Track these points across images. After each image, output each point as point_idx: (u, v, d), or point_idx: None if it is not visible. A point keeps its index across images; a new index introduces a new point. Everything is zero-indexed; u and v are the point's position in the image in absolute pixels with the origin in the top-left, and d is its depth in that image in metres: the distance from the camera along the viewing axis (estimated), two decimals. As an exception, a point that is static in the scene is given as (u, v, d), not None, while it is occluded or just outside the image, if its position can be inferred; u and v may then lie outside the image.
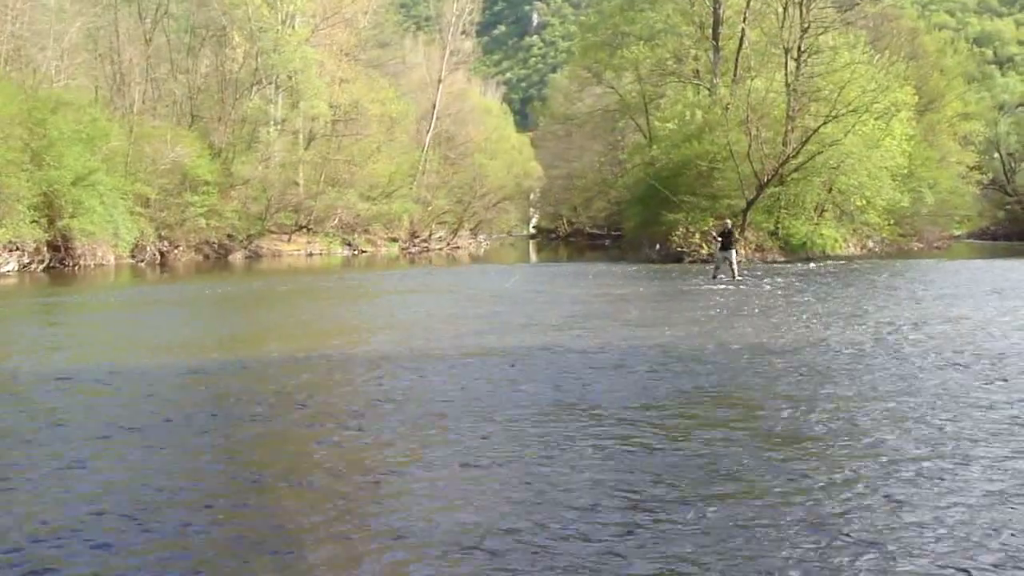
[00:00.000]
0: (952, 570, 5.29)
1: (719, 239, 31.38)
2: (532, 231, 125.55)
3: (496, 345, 14.78)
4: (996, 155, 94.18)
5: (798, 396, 10.28)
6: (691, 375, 11.83)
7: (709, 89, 50.99)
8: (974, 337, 14.95)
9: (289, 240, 60.31)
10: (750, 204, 43.93)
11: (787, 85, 46.69)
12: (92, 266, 41.98)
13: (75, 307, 25.18)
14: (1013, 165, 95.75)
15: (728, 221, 33.53)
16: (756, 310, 20.00)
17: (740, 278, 29.56)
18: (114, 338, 17.62)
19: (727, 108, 46.12)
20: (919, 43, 70.69)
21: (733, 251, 30.66)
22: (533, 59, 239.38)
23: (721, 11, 51.92)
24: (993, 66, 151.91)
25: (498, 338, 15.71)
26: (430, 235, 74.05)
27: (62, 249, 41.86)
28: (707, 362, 12.87)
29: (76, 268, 41.12)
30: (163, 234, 49.95)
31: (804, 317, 18.49)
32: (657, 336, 15.71)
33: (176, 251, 50.46)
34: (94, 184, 42.84)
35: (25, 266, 39.42)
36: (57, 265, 41.17)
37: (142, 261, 46.61)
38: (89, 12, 54.80)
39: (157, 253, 48.83)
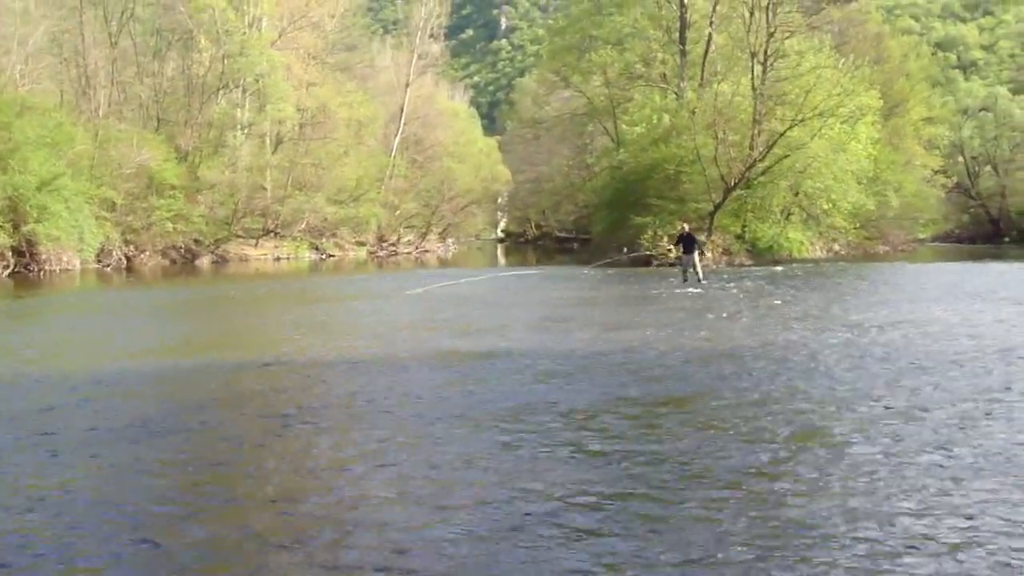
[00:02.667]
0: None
1: (678, 244, 31.30)
2: (500, 235, 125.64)
3: (466, 348, 14.77)
4: (960, 159, 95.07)
5: (760, 399, 10.35)
6: (655, 380, 11.89)
7: (676, 93, 51.13)
8: (938, 340, 15.05)
9: (256, 245, 60.04)
10: (717, 207, 44.12)
11: (753, 89, 46.91)
12: (58, 271, 41.70)
13: (34, 313, 24.98)
14: (977, 168, 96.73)
15: (684, 225, 32.78)
16: (723, 314, 20.05)
17: (705, 282, 29.43)
18: (66, 344, 17.46)
19: (694, 112, 46.27)
20: (884, 47, 71.11)
21: (695, 254, 30.42)
22: (501, 63, 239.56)
23: (688, 15, 52.13)
24: (957, 70, 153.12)
25: (467, 342, 15.69)
26: (398, 239, 73.94)
27: (27, 254, 41.59)
28: (671, 367, 12.93)
29: (41, 273, 40.84)
30: (129, 239, 49.64)
31: (769, 321, 18.57)
32: (624, 339, 15.74)
33: (142, 256, 50.16)
34: (59, 189, 42.54)
35: (-11, 271, 39.17)
36: (22, 270, 40.87)
37: (108, 266, 46.31)
38: (54, 15, 54.40)
39: (123, 258, 48.56)
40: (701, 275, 29.92)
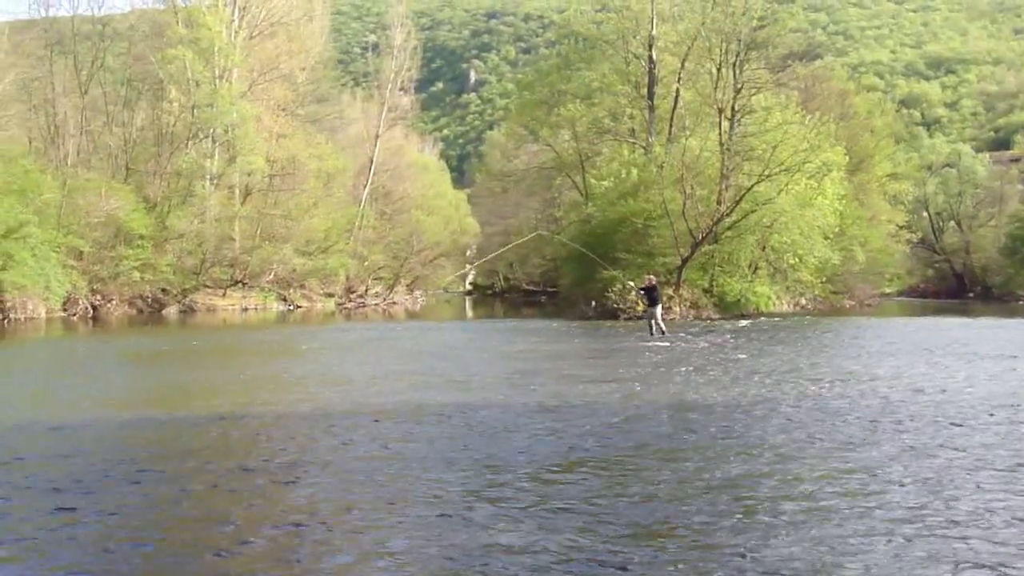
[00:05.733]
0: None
1: (643, 293, 31.49)
2: (469, 287, 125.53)
3: (432, 402, 14.73)
4: (925, 214, 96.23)
5: (722, 452, 10.39)
6: (626, 433, 11.89)
7: (644, 147, 51.56)
8: (898, 397, 15.14)
9: (224, 295, 59.72)
10: (685, 261, 44.32)
11: (721, 144, 47.31)
12: (23, 319, 41.38)
13: None
14: (941, 224, 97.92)
15: (651, 277, 33.05)
16: (690, 368, 20.10)
17: (668, 334, 29.45)
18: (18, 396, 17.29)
19: (662, 166, 46.59)
20: (849, 104, 71.90)
21: (659, 307, 30.58)
22: (470, 116, 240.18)
23: (656, 71, 52.70)
24: (920, 127, 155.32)
25: (434, 395, 15.65)
26: (366, 291, 73.65)
27: (-9, 302, 41.30)
28: (640, 420, 12.94)
29: (6, 322, 40.51)
30: (96, 288, 49.34)
31: (736, 375, 18.62)
32: (590, 393, 15.75)
33: (109, 305, 49.82)
34: (25, 237, 42.32)
35: (-47, 320, 38.85)
36: (-14, 318, 40.60)
37: (74, 315, 45.99)
38: (23, 63, 54.38)
39: (89, 307, 48.21)
40: (664, 327, 30.04)
